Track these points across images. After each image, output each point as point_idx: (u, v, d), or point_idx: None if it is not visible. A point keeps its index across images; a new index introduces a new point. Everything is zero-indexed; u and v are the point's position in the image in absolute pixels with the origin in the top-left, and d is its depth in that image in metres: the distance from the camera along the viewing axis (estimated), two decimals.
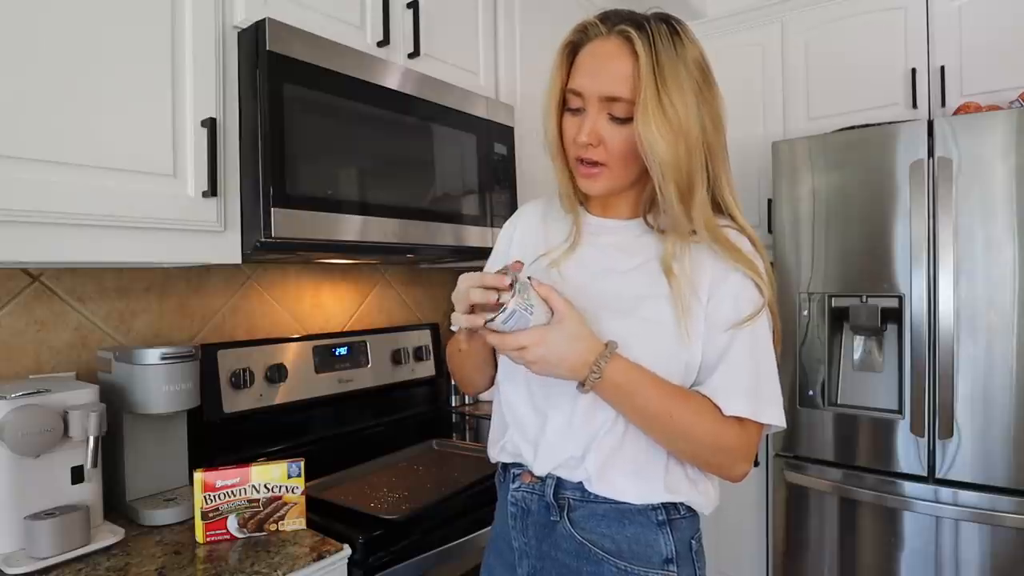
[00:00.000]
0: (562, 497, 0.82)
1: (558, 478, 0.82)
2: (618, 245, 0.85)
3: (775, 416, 0.78)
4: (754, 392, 0.76)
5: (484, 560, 0.96)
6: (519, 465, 0.87)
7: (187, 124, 1.08)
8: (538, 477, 0.84)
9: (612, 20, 0.78)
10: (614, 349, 0.74)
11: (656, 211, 0.84)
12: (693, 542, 0.82)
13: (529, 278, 0.73)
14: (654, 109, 0.73)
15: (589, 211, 0.90)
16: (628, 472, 0.79)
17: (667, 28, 0.76)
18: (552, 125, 0.83)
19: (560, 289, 0.76)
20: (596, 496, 0.80)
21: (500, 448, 0.90)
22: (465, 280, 0.73)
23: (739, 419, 0.76)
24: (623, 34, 0.76)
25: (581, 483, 0.81)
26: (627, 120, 0.76)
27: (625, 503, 0.79)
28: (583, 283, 0.83)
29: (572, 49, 0.82)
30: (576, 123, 0.80)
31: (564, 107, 0.82)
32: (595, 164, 0.80)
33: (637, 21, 0.77)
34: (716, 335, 0.78)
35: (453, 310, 0.76)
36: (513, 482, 0.88)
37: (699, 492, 0.82)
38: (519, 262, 0.75)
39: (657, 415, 0.75)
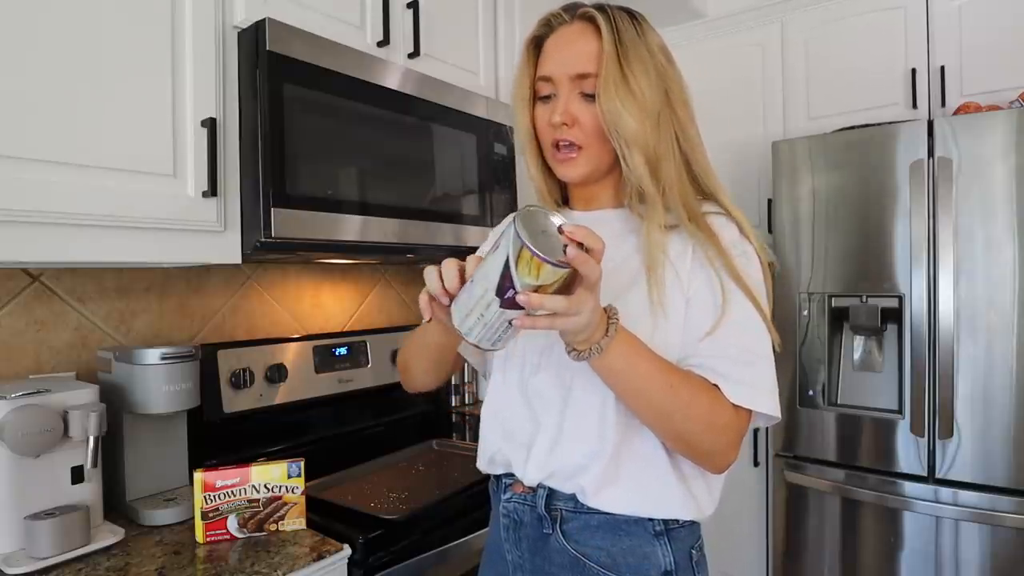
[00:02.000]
0: (554, 508, 0.79)
1: (550, 488, 0.80)
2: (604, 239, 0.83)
3: (768, 405, 0.73)
4: (747, 378, 0.73)
5: (480, 572, 0.94)
6: (510, 475, 0.85)
7: (187, 124, 1.08)
8: (529, 487, 0.81)
9: (574, 9, 0.81)
10: (616, 312, 0.68)
11: (640, 199, 0.81)
12: (694, 551, 0.80)
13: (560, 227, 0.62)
14: (617, 81, 0.74)
15: (573, 208, 0.89)
16: (627, 489, 0.76)
17: (627, 14, 0.79)
18: (524, 118, 0.83)
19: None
20: (589, 507, 0.77)
21: (489, 459, 0.87)
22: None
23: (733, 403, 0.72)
24: (585, 16, 0.79)
25: (574, 495, 0.78)
26: (595, 96, 0.77)
27: (621, 514, 0.77)
28: None
29: (537, 43, 0.83)
30: (549, 109, 0.80)
31: (535, 99, 0.83)
32: (571, 146, 0.79)
33: (599, 6, 0.80)
34: (700, 327, 0.75)
35: None
36: (504, 492, 0.85)
37: (700, 509, 0.79)
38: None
39: (659, 385, 0.69)
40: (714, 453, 0.73)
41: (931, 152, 1.72)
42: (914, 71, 1.97)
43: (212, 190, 1.09)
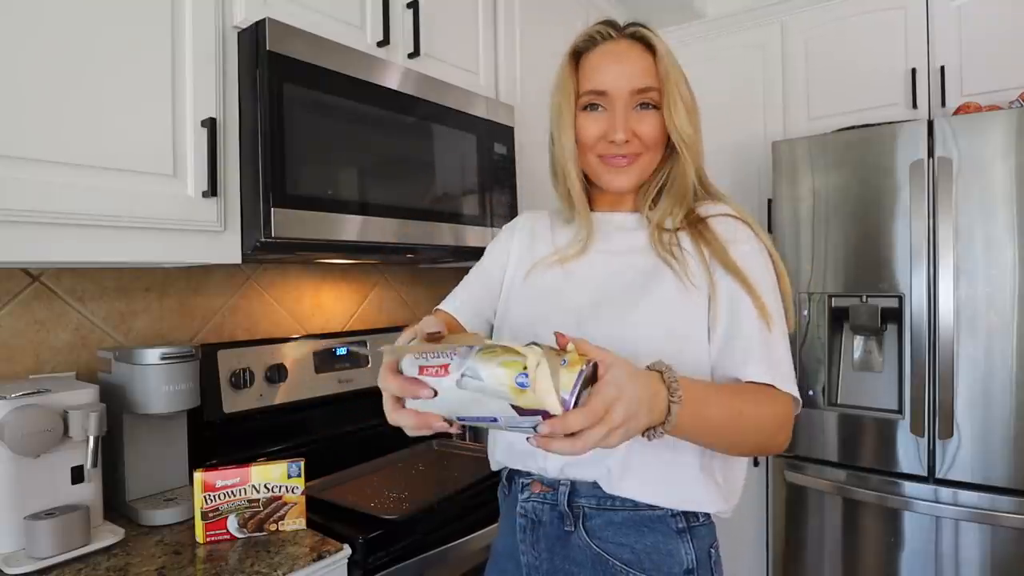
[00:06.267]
0: (576, 505, 0.80)
1: (572, 483, 0.80)
2: (625, 236, 0.87)
3: (795, 389, 0.75)
4: (772, 362, 0.75)
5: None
6: (527, 474, 0.84)
7: (187, 124, 1.08)
8: (549, 485, 0.81)
9: (616, 27, 0.85)
10: (670, 368, 0.64)
11: (652, 204, 0.86)
12: (712, 550, 0.81)
13: (547, 349, 0.57)
14: (682, 93, 0.81)
15: (594, 209, 0.91)
16: (651, 476, 0.76)
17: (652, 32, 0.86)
18: (570, 130, 0.84)
19: (564, 284, 0.82)
20: (613, 502, 0.78)
21: (507, 446, 0.85)
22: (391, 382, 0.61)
23: (773, 389, 0.74)
24: (635, 35, 0.83)
25: (596, 484, 0.78)
26: (654, 107, 0.82)
27: (644, 508, 0.77)
28: (593, 276, 0.84)
29: (577, 55, 0.86)
30: (599, 120, 0.83)
31: (577, 109, 0.85)
32: (625, 155, 0.83)
33: (643, 26, 0.85)
34: (718, 326, 0.77)
35: None
36: (522, 492, 0.84)
37: (726, 501, 0.80)
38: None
39: (730, 418, 0.70)
40: (779, 444, 0.76)
41: (931, 152, 1.72)
42: (914, 71, 1.97)
43: (212, 190, 1.09)
